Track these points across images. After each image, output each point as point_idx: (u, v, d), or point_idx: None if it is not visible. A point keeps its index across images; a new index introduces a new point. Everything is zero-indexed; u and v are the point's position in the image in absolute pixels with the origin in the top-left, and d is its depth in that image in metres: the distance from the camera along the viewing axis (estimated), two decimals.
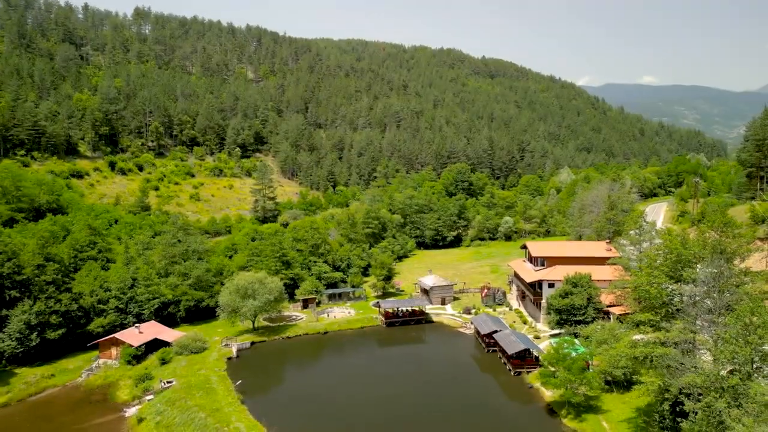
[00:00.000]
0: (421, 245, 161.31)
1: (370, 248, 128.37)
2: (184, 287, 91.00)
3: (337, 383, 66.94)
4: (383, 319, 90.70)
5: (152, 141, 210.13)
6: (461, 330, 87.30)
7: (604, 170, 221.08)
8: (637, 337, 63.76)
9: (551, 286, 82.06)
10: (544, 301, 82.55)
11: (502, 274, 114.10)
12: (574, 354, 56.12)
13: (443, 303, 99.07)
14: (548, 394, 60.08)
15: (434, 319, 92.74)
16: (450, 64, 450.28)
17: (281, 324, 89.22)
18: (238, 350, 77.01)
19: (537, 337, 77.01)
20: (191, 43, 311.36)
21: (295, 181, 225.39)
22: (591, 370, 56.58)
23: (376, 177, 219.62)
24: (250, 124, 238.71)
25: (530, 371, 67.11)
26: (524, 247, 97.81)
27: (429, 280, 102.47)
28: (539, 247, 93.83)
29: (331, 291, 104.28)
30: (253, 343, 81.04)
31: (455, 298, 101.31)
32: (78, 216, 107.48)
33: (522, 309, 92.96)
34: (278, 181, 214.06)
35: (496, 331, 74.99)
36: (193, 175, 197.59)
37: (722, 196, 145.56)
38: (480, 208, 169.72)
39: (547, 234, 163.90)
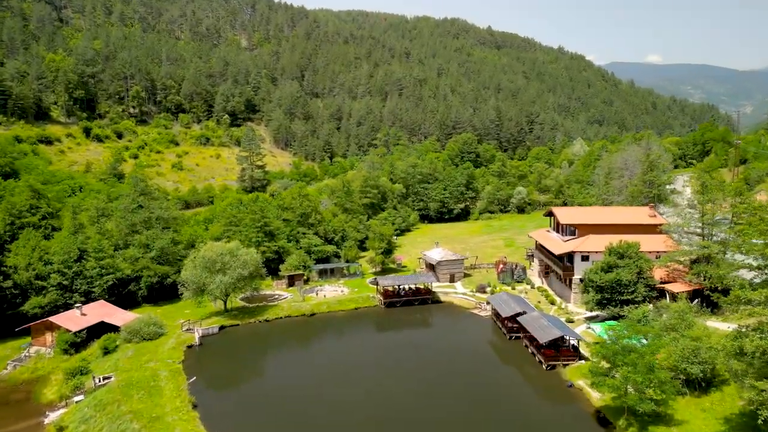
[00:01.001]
0: (425, 218, 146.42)
1: (368, 220, 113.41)
2: (145, 261, 76.52)
3: (322, 379, 52.51)
4: (381, 298, 76.14)
5: (134, 107, 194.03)
6: (475, 312, 72.73)
7: (619, 142, 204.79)
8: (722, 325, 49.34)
9: (585, 259, 67.30)
10: (576, 277, 67.87)
11: (519, 248, 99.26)
12: (637, 345, 41.40)
13: (452, 280, 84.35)
14: (596, 397, 45.58)
15: (442, 298, 78.08)
16: (454, 34, 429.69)
17: (260, 305, 74.75)
18: (203, 336, 62.58)
19: (570, 321, 62.48)
20: (180, 6, 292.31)
21: (288, 151, 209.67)
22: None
23: (376, 146, 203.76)
24: (241, 90, 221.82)
25: (567, 364, 52.71)
26: (549, 214, 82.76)
27: (436, 254, 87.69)
28: (569, 214, 78.72)
29: (321, 266, 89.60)
30: (222, 328, 66.66)
31: (466, 275, 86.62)
32: (23, 179, 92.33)
33: (546, 287, 78.37)
34: (270, 151, 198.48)
35: (520, 314, 60.49)
36: (177, 144, 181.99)
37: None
38: (490, 177, 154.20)
39: (565, 206, 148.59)
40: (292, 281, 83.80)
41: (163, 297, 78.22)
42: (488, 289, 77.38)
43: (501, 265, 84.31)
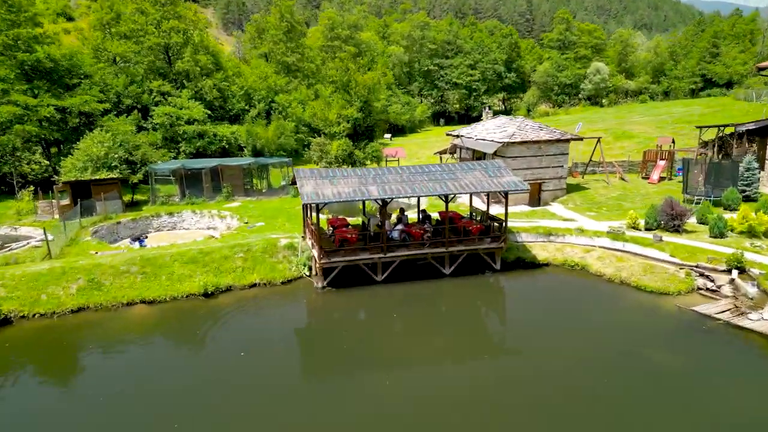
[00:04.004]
0: (441, 117, 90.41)
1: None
2: None
3: None
4: (319, 256, 20.76)
5: None
6: (703, 308, 17.44)
7: None
8: None
9: None
10: None
11: (646, 144, 43.30)
12: None
13: (537, 199, 29.16)
14: None
15: (541, 253, 22.73)
16: None
17: None
18: None
19: None
20: None
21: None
22: None
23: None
24: None
25: None
26: None
27: (489, 129, 31.98)
28: None
29: (198, 166, 34.10)
30: None
31: (572, 189, 31.16)
32: None
33: None
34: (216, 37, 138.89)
35: None
36: None
37: None
38: (547, 51, 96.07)
39: (666, 96, 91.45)
40: (89, 207, 28.69)
41: None
42: (689, 219, 22.10)
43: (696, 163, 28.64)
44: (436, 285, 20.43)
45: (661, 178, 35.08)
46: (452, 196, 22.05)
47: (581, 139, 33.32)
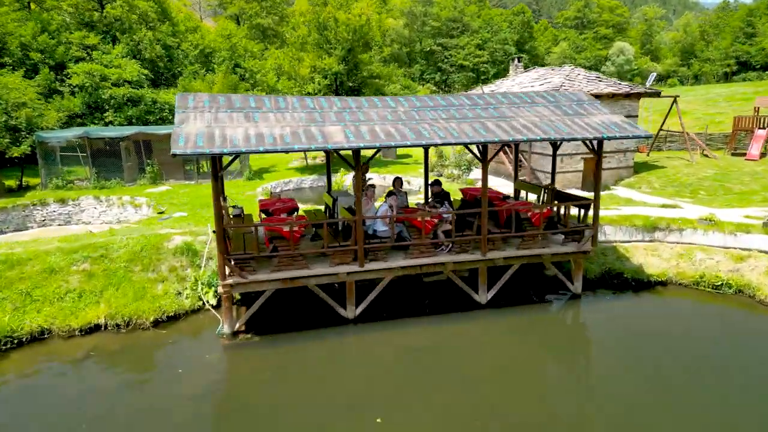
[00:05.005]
0: None
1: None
2: None
3: None
4: (221, 271, 10.48)
5: None
6: None
7: None
8: None
9: None
10: None
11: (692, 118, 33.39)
12: None
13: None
14: None
15: (648, 262, 12.58)
16: None
17: None
18: None
19: None
20: None
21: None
22: None
23: None
24: None
25: None
26: None
27: (530, 83, 21.88)
28: None
29: (71, 134, 23.88)
30: None
31: (640, 169, 21.00)
32: None
33: None
34: None
35: None
36: None
37: None
38: (563, 32, 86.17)
39: (696, 80, 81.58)
40: None
41: None
42: None
43: None
44: (463, 328, 10.30)
45: (762, 154, 25.02)
46: (495, 144, 11.36)
47: (658, 93, 23.15)
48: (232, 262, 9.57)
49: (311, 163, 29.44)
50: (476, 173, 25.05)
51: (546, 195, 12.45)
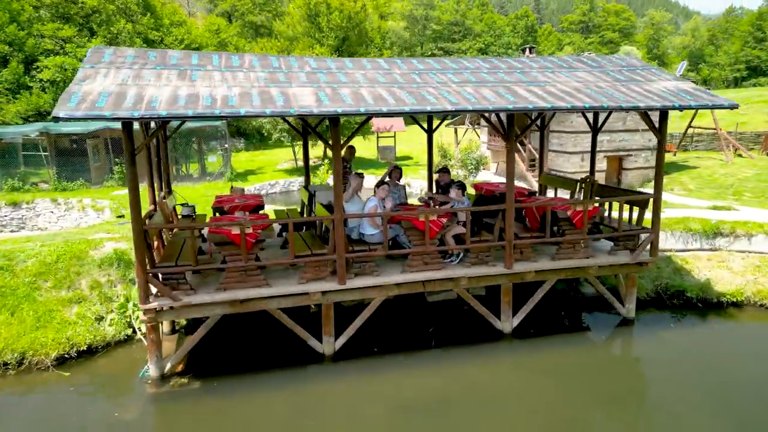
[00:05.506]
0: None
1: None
2: None
3: None
4: (141, 290, 7.72)
5: None
6: None
7: None
8: None
9: None
10: None
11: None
12: None
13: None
14: None
15: (717, 276, 9.87)
16: None
17: None
18: None
19: None
20: None
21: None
22: None
23: None
24: None
25: None
26: None
27: None
28: None
29: (28, 129, 21.26)
30: None
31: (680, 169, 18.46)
32: None
33: None
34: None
35: None
36: None
37: None
38: (567, 36, 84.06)
39: (705, 85, 78.98)
40: None
41: None
42: None
43: None
44: (481, 369, 7.55)
45: None
46: (537, 113, 8.25)
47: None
48: (160, 278, 6.81)
49: (303, 164, 26.76)
50: (484, 175, 22.34)
51: (585, 190, 9.69)
